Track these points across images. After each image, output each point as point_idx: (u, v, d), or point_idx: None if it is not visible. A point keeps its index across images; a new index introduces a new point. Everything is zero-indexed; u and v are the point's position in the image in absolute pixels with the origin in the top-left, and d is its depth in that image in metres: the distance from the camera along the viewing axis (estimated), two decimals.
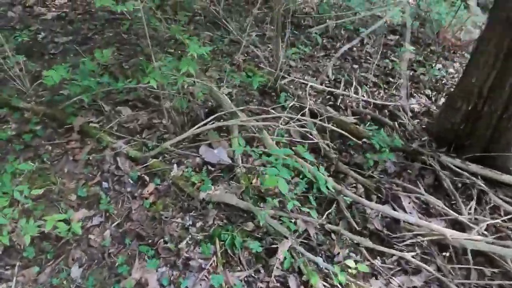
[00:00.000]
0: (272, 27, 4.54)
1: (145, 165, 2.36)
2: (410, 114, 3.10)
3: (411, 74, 3.96)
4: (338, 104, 3.25)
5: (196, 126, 2.44)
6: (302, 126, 2.70)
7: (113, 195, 2.22)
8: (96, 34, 3.91)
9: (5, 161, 2.32)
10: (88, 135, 2.58)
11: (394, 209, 2.22)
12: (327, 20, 4.86)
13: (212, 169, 2.42)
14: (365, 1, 5.10)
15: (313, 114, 2.92)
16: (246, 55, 3.95)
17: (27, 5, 4.31)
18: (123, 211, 2.13)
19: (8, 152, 2.39)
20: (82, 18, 4.22)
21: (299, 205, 2.12)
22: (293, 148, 2.28)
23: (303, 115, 2.88)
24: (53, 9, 4.38)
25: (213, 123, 2.51)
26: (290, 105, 2.93)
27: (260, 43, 4.20)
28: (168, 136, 2.65)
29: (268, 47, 4.16)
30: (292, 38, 4.38)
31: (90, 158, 2.42)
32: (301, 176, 2.30)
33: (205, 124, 2.46)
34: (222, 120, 2.61)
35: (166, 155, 2.48)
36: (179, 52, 3.71)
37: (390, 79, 3.82)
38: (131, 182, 2.29)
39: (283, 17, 4.73)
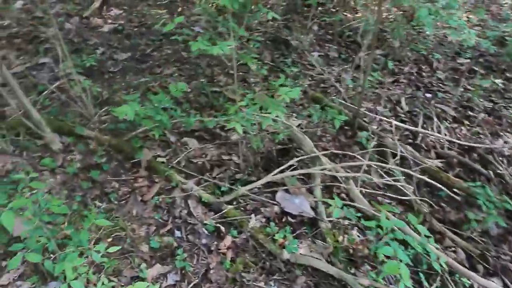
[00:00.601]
0: (335, 47, 4.28)
1: (219, 213, 2.15)
2: (504, 160, 2.77)
3: (490, 107, 3.60)
4: (419, 143, 2.95)
5: (276, 171, 2.21)
6: (385, 171, 2.42)
7: (187, 247, 2.01)
8: (155, 51, 3.75)
9: (72, 199, 2.16)
10: (155, 171, 2.39)
11: (506, 286, 1.92)
12: (392, 40, 4.55)
13: (293, 220, 2.18)
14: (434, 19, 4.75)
15: (394, 155, 2.64)
16: (311, 78, 3.69)
17: (83, 16, 4.20)
18: (200, 269, 1.92)
19: (74, 189, 2.23)
20: (139, 31, 4.07)
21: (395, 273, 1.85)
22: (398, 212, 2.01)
23: (383, 155, 2.60)
24: (109, 21, 4.26)
25: (294, 167, 2.27)
26: (372, 145, 2.66)
27: (323, 63, 3.93)
28: (240, 176, 2.43)
29: (333, 69, 3.89)
30: (357, 60, 4.09)
31: (160, 199, 2.23)
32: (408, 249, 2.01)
33: (280, 166, 2.23)
34: (298, 159, 2.37)
35: (241, 201, 2.26)
36: (242, 72, 3.50)
37: (470, 112, 3.48)
38: (206, 232, 2.08)
39: (342, 35, 4.47)
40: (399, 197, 2.21)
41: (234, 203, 2.24)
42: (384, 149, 2.60)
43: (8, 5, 4.15)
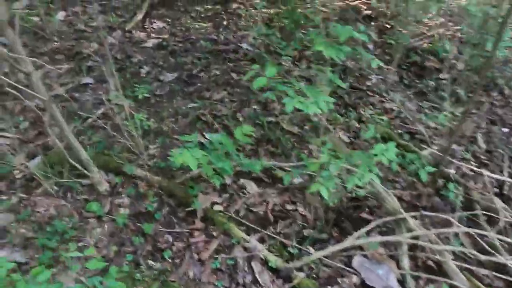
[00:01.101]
0: (395, 69, 3.91)
1: (289, 282, 1.84)
2: None
3: None
4: (506, 193, 2.56)
5: (357, 234, 1.88)
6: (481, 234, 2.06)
7: None
8: (202, 71, 3.48)
9: (122, 257, 1.89)
10: (213, 222, 2.11)
11: None
12: (455, 61, 4.14)
13: None
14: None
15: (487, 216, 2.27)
16: (372, 107, 3.34)
17: (126, 29, 3.98)
18: None
19: (123, 242, 1.97)
20: (183, 47, 3.81)
21: None
22: None
23: (470, 210, 2.24)
24: (152, 35, 4.02)
25: (375, 227, 1.94)
26: (459, 200, 2.29)
27: (384, 88, 3.57)
28: (309, 233, 2.12)
29: (394, 96, 3.53)
30: (420, 85, 3.71)
31: (219, 259, 1.94)
32: None
33: (353, 221, 1.90)
34: (382, 220, 2.03)
35: (312, 266, 1.95)
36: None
37: None
38: None
39: (403, 55, 4.08)
40: (504, 277, 1.85)
41: (306, 269, 1.93)
42: (485, 212, 2.21)
43: (50, 16, 3.97)
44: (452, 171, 2.63)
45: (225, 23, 4.39)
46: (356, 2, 5.20)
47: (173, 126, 2.79)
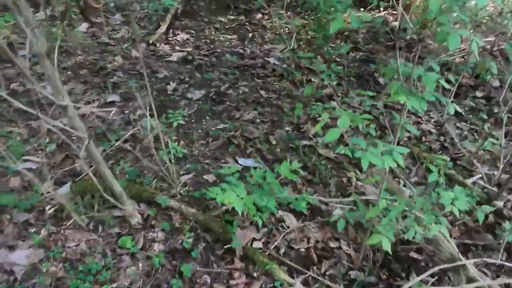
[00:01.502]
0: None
1: None
2: None
3: None
4: None
5: (411, 283, 1.73)
6: None
7: None
8: (230, 88, 3.35)
9: None
10: (252, 261, 1.98)
11: None
12: (489, 78, 3.96)
13: None
14: None
15: None
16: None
17: (150, 42, 3.87)
18: None
19: (160, 284, 1.85)
20: (209, 61, 3.69)
21: None
22: None
23: None
24: (177, 48, 3.91)
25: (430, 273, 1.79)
26: None
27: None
28: (356, 275, 1.97)
29: (430, 116, 3.37)
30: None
31: None
32: None
33: (403, 264, 1.76)
34: (439, 267, 1.88)
35: None
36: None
37: None
38: None
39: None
40: None
41: None
42: None
43: (72, 28, 3.88)
44: (500, 203, 2.47)
45: (250, 35, 4.27)
46: (383, 13, 5.05)
47: (203, 150, 2.67)
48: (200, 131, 2.85)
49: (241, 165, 2.57)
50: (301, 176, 2.54)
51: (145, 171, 2.39)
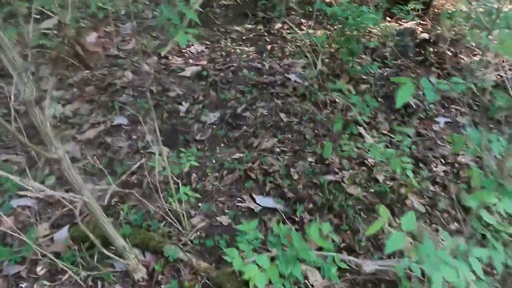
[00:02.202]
0: (463, 109, 3.41)
1: None
2: None
3: None
4: None
5: None
6: None
7: None
8: (247, 110, 3.07)
9: None
10: None
11: None
12: None
13: None
14: None
15: None
16: (443, 160, 2.87)
17: (162, 54, 3.61)
18: None
19: None
20: (225, 77, 3.42)
21: None
22: None
23: None
24: (190, 61, 3.64)
25: None
26: None
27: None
28: None
29: (467, 147, 3.04)
30: (497, 132, 3.21)
31: None
32: None
33: None
34: None
35: None
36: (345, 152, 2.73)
37: None
38: None
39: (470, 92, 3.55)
40: None
41: None
42: None
43: (81, 36, 3.64)
44: None
45: (269, 47, 3.98)
46: (411, 23, 4.70)
47: (218, 185, 2.40)
48: (214, 161, 2.58)
49: (259, 204, 2.30)
50: (327, 219, 2.26)
51: (152, 214, 2.13)
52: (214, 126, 2.88)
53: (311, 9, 4.64)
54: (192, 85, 3.31)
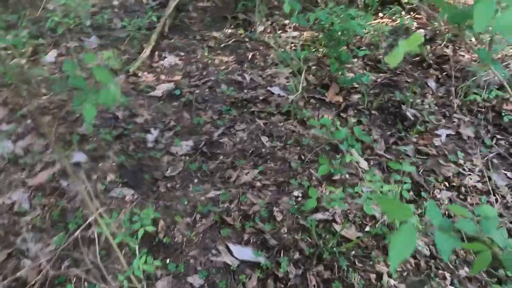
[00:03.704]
0: (467, 118, 3.07)
1: None
2: None
3: None
4: None
5: None
6: None
7: None
8: (225, 134, 2.73)
9: None
10: None
11: None
12: None
13: None
14: None
15: None
16: (448, 184, 2.54)
17: (130, 71, 3.24)
18: None
19: None
20: (201, 96, 3.07)
21: None
22: None
23: None
24: (162, 77, 3.28)
25: None
26: None
27: (454, 149, 2.76)
28: None
29: (474, 164, 2.71)
30: (505, 144, 2.87)
31: None
32: None
33: None
34: None
35: None
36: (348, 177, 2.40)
37: None
38: None
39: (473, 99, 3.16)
40: None
41: None
42: None
43: (39, 55, 3.28)
44: None
45: (250, 55, 3.61)
46: (406, 17, 4.31)
47: (189, 234, 2.08)
48: (186, 202, 2.25)
49: (236, 258, 1.98)
50: (315, 272, 1.94)
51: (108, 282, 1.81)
52: (187, 158, 2.54)
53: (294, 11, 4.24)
54: (163, 107, 2.95)
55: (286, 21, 4.12)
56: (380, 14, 4.32)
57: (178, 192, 2.32)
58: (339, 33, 2.75)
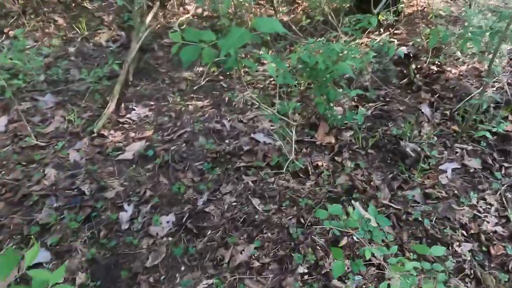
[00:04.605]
0: (470, 147, 2.83)
1: None
2: None
3: None
4: None
5: None
6: None
7: None
8: (211, 201, 2.39)
9: None
10: None
11: None
12: None
13: None
14: None
15: None
16: (465, 232, 2.27)
17: (94, 132, 2.86)
18: None
19: None
20: (178, 153, 2.72)
21: None
22: None
23: None
24: (132, 134, 2.91)
25: None
26: None
27: (463, 186, 2.50)
28: None
29: (488, 206, 2.46)
30: None
31: None
32: None
33: None
34: None
35: None
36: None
37: None
38: None
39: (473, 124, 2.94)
40: None
41: None
42: None
43: None
44: None
45: (226, 97, 3.28)
46: (384, 34, 4.10)
47: None
48: None
49: None
50: None
51: None
52: (170, 239, 2.18)
53: (270, 36, 3.96)
54: (136, 173, 2.58)
55: (261, 52, 3.82)
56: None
57: (163, 286, 1.96)
58: (327, 74, 2.46)
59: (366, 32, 4.04)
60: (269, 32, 2.31)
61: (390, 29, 4.19)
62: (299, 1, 4.75)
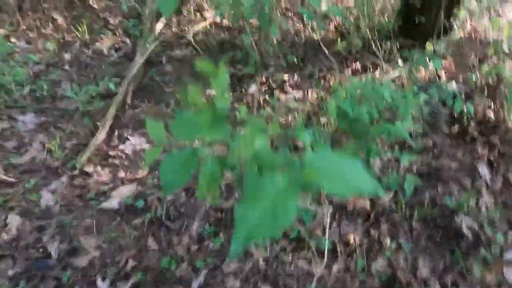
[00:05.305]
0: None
1: None
2: None
3: None
4: None
5: None
6: None
7: None
8: (209, 286, 1.85)
9: None
10: None
11: None
12: None
13: None
14: None
15: None
16: None
17: (78, 168, 2.34)
18: None
19: None
20: (173, 205, 2.18)
21: None
22: None
23: None
24: (121, 173, 2.39)
25: None
26: None
27: None
28: None
29: None
30: None
31: None
32: None
33: None
34: None
35: None
36: None
37: None
38: None
39: None
40: None
41: None
42: None
43: None
44: None
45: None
46: (432, 68, 3.48)
47: None
48: None
49: None
50: None
51: None
52: None
53: (296, 57, 3.41)
54: (119, 231, 2.06)
55: (286, 76, 3.26)
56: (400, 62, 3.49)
57: None
58: (372, 129, 1.90)
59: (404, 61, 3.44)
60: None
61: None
62: (332, 16, 4.16)
